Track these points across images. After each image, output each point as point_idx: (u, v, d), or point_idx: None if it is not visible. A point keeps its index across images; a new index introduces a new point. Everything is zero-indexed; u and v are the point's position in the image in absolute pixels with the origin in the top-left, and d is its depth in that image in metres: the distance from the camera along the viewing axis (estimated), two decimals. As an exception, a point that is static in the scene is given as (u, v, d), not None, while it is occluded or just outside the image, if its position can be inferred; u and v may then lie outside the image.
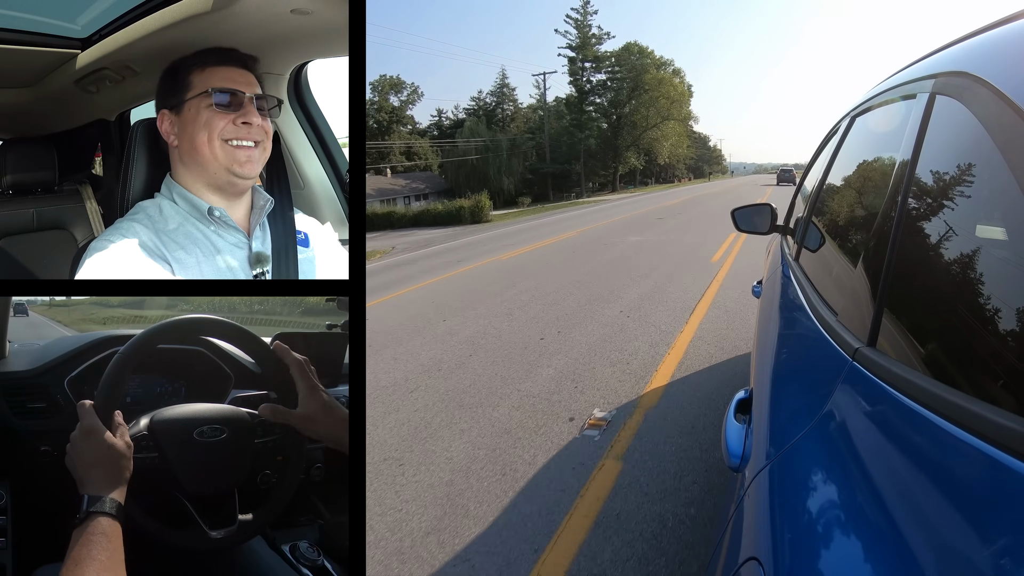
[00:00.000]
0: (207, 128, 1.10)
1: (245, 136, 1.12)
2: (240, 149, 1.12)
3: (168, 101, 1.14)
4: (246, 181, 1.15)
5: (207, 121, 1.10)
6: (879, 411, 0.61)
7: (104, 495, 0.82)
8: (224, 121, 1.10)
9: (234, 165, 1.11)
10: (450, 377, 3.40)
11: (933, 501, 0.46)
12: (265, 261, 1.17)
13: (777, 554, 0.56)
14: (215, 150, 1.10)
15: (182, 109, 1.12)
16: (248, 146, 1.13)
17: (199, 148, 1.11)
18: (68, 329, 3.24)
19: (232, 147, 1.11)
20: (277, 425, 1.18)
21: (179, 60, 1.16)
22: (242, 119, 1.11)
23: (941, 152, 0.72)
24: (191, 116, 1.11)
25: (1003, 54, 0.67)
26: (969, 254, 0.60)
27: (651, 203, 21.50)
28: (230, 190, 1.15)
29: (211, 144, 1.10)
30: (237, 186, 1.15)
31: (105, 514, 0.80)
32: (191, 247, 1.10)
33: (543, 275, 6.71)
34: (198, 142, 1.10)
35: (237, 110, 1.11)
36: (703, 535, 1.79)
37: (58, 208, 1.81)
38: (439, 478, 2.25)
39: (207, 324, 1.10)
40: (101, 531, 0.78)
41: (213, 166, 1.11)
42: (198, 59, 1.14)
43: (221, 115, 1.10)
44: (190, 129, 1.11)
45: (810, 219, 1.59)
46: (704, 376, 3.13)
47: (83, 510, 0.81)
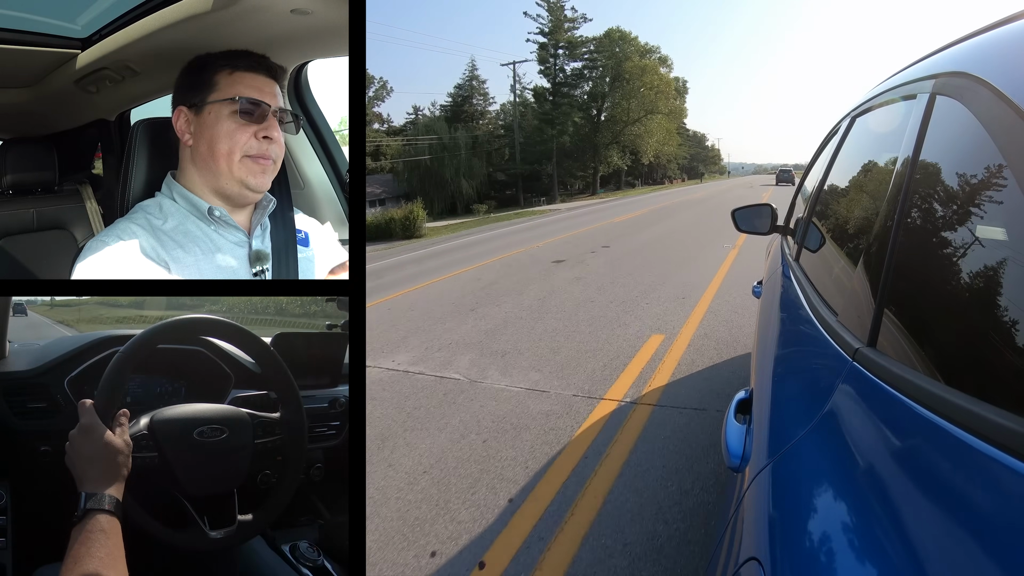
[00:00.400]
0: (229, 139, 1.08)
1: (265, 153, 1.11)
2: (257, 164, 1.11)
3: (188, 98, 1.11)
4: (256, 195, 1.14)
5: (229, 132, 1.08)
6: (879, 411, 0.61)
7: (102, 492, 0.83)
8: (246, 135, 1.09)
9: (248, 178, 1.10)
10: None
11: (933, 501, 0.46)
12: (265, 259, 1.17)
13: (777, 554, 0.56)
14: (233, 163, 1.09)
15: (203, 110, 1.10)
16: (265, 160, 1.11)
17: (217, 157, 1.09)
18: (68, 329, 3.24)
19: (250, 161, 1.10)
20: (277, 425, 1.18)
21: (205, 56, 1.13)
22: (264, 133, 1.10)
23: (941, 152, 0.72)
24: (211, 120, 1.09)
25: (1003, 54, 0.67)
26: (969, 254, 0.60)
27: (610, 214, 16.97)
28: (239, 201, 1.14)
29: (230, 157, 1.09)
30: (247, 199, 1.14)
31: (103, 511, 0.80)
32: (190, 246, 1.09)
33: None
34: (217, 151, 1.08)
35: (260, 122, 1.09)
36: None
37: (58, 208, 1.81)
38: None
39: (207, 324, 1.10)
40: (100, 528, 0.78)
41: (226, 177, 1.10)
42: (227, 60, 1.12)
43: (243, 127, 1.08)
44: (209, 134, 1.09)
45: (810, 219, 1.59)
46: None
47: (81, 507, 0.81)
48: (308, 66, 1.61)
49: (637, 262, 7.33)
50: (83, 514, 0.80)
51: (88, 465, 0.85)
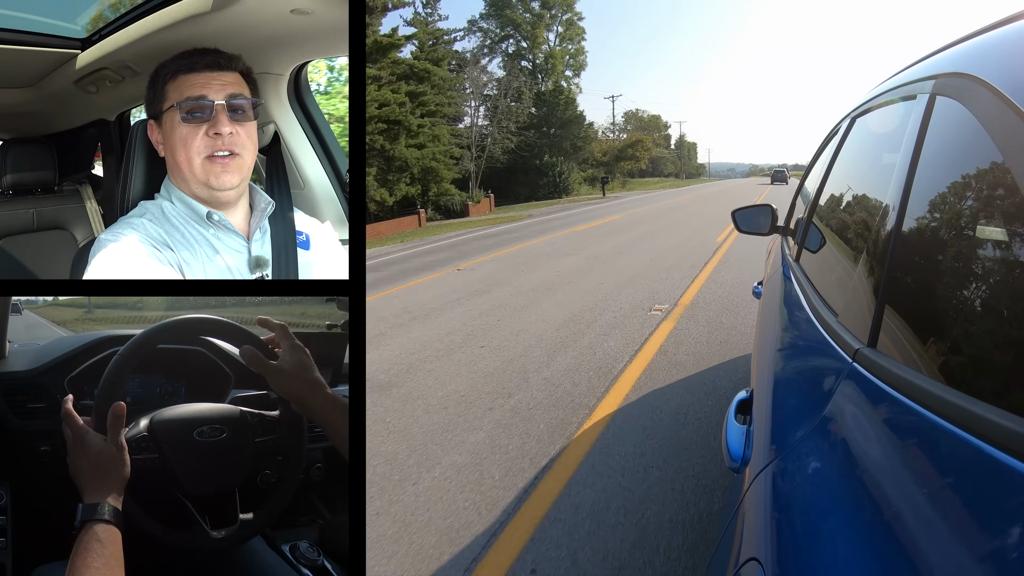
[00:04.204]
0: (183, 146, 1.08)
1: (219, 148, 1.09)
2: (215, 163, 1.09)
3: (151, 111, 1.13)
4: (226, 192, 1.13)
5: (183, 138, 1.08)
6: (879, 412, 0.61)
7: (99, 501, 0.82)
8: (197, 136, 1.08)
9: (211, 178, 1.10)
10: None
11: (933, 501, 0.46)
12: (265, 266, 1.17)
13: (777, 554, 0.56)
14: (193, 167, 1.09)
15: (161, 120, 1.11)
16: (222, 156, 1.09)
17: (180, 165, 1.10)
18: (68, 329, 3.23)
19: (208, 161, 1.09)
20: (277, 425, 1.18)
21: (159, 67, 1.13)
22: (213, 130, 1.08)
23: (941, 153, 0.72)
24: (168, 129, 1.10)
25: (1003, 55, 0.67)
26: (969, 255, 0.60)
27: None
28: (213, 202, 1.14)
29: (190, 163, 1.09)
30: (218, 198, 1.13)
31: (101, 520, 0.80)
32: (193, 250, 1.10)
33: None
34: (179, 159, 1.09)
35: (208, 119, 1.08)
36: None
37: (58, 208, 1.81)
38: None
39: (207, 324, 1.10)
40: (97, 539, 0.78)
41: (193, 181, 1.11)
42: (172, 66, 1.12)
43: (193, 128, 1.08)
44: (170, 144, 1.11)
45: (810, 220, 1.59)
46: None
47: (79, 519, 0.80)
48: (308, 66, 1.61)
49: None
50: (82, 524, 0.80)
51: (82, 477, 0.85)
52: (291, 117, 1.64)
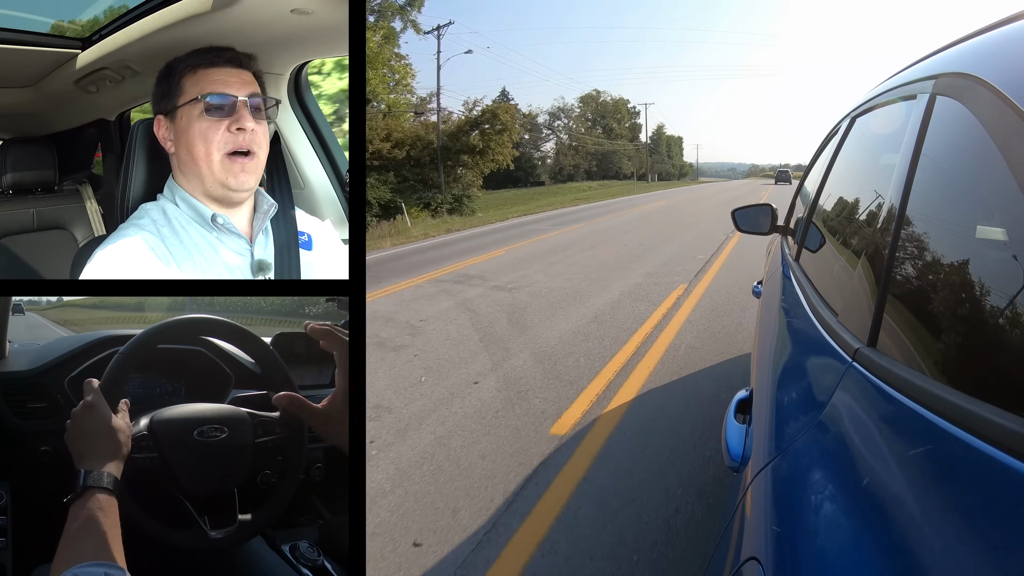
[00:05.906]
0: (203, 140, 1.07)
1: (242, 145, 1.08)
2: (234, 162, 1.08)
3: (162, 106, 1.11)
4: (241, 194, 1.12)
5: (202, 132, 1.06)
6: (879, 411, 0.61)
7: (101, 469, 0.82)
8: (219, 131, 1.07)
9: (229, 178, 1.09)
10: None
11: (933, 501, 0.46)
12: (267, 269, 1.16)
13: (777, 554, 0.56)
14: (212, 164, 1.07)
15: (176, 116, 1.09)
16: (242, 156, 1.09)
17: (196, 160, 1.08)
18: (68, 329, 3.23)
19: (227, 159, 1.08)
20: (277, 425, 1.18)
21: (173, 62, 1.12)
22: (236, 124, 1.07)
23: (941, 153, 0.72)
24: (185, 124, 1.08)
25: (1003, 55, 0.67)
26: (969, 255, 0.60)
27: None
28: (226, 202, 1.13)
29: (209, 158, 1.07)
30: (232, 199, 1.13)
31: (102, 489, 0.80)
32: (196, 252, 1.09)
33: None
34: (196, 155, 1.07)
35: (231, 115, 1.08)
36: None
37: (58, 208, 1.81)
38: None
39: (207, 324, 1.10)
40: (98, 506, 0.78)
41: (209, 179, 1.09)
42: (190, 61, 1.10)
43: (215, 124, 1.07)
44: (185, 139, 1.08)
45: (810, 219, 1.59)
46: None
47: (80, 484, 0.80)
48: (308, 66, 1.61)
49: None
50: (81, 491, 0.79)
51: (89, 441, 0.85)
52: (291, 117, 1.64)
